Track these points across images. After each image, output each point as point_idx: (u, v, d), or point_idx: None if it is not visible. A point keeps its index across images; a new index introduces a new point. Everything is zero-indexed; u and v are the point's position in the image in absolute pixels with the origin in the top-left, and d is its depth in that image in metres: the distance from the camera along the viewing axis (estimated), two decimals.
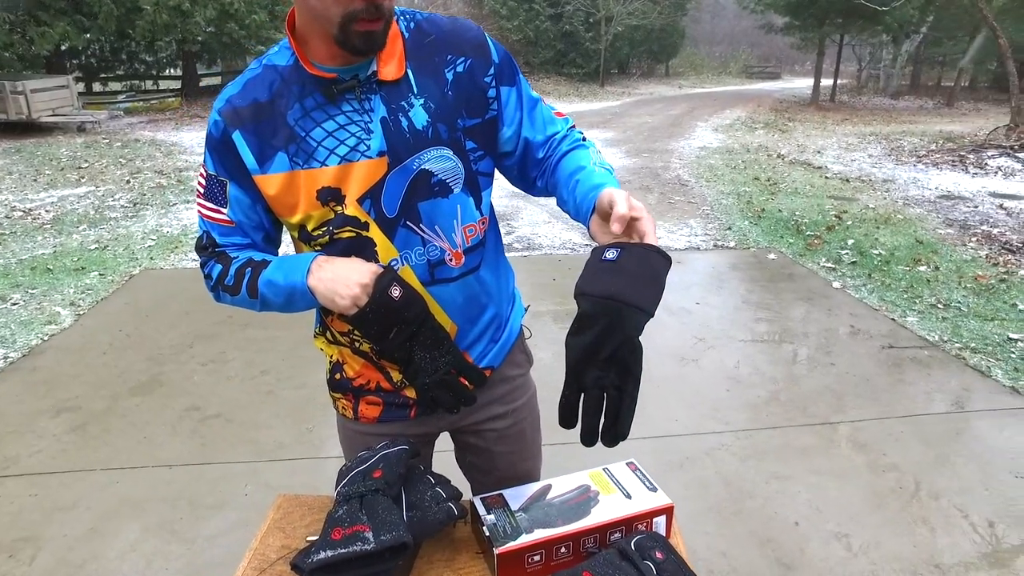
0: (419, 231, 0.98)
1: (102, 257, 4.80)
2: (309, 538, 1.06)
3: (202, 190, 0.99)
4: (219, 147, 0.95)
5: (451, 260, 1.01)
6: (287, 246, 1.03)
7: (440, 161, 0.95)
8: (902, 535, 2.13)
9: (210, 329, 3.59)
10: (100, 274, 4.43)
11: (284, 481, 2.36)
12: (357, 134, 0.92)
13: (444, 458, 1.24)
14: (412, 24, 0.98)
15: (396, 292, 0.92)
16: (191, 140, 10.35)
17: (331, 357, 1.15)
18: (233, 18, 13.19)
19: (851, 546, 2.08)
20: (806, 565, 1.99)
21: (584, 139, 1.08)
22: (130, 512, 2.18)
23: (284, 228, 1.06)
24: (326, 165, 0.93)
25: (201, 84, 16.27)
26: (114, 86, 16.32)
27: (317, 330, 1.17)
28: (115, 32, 12.98)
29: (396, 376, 1.10)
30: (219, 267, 1.00)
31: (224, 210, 0.98)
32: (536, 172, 1.08)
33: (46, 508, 2.20)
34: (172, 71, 17.09)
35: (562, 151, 1.06)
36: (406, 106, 0.94)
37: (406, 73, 0.94)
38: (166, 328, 3.61)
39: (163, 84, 16.90)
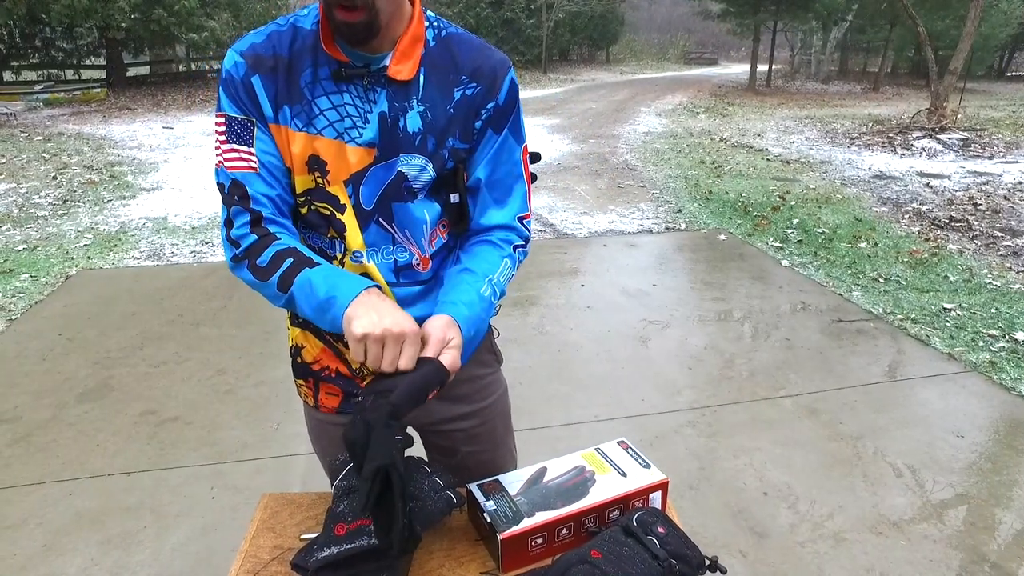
0: (391, 230, 0.99)
1: (32, 258, 4.51)
2: (303, 536, 1.03)
3: (223, 136, 0.94)
4: (239, 89, 0.92)
5: (419, 265, 1.03)
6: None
7: (414, 168, 0.96)
8: (861, 497, 2.24)
9: (160, 329, 3.43)
10: (31, 276, 4.16)
11: (251, 482, 2.28)
12: (354, 118, 0.93)
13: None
14: (443, 34, 0.98)
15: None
16: (122, 133, 9.82)
17: (292, 340, 1.13)
18: (161, 3, 12.52)
19: (816, 511, 2.17)
20: (777, 532, 2.07)
21: (517, 248, 1.05)
22: (88, 525, 2.07)
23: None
24: (321, 134, 0.93)
25: (128, 74, 15.40)
26: (28, 75, 15.20)
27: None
28: (26, 16, 12.10)
29: (355, 364, 1.09)
30: (254, 238, 0.93)
31: (252, 149, 0.93)
32: (461, 228, 1.06)
33: None
34: (94, 60, 16.08)
35: (485, 237, 1.04)
36: (407, 107, 0.94)
37: (417, 77, 0.94)
38: (112, 330, 3.43)
39: (85, 74, 15.86)
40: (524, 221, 1.06)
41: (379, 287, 0.92)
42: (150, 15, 12.61)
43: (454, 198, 1.02)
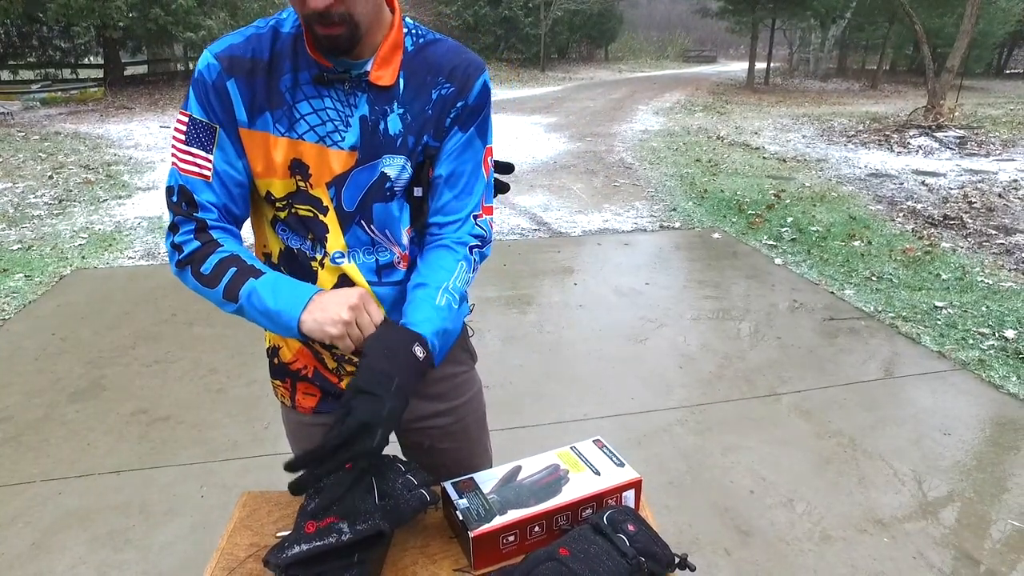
0: (370, 232, 1.00)
1: (27, 258, 4.51)
2: (279, 534, 1.04)
3: (182, 136, 0.93)
4: (211, 93, 0.91)
5: (399, 263, 1.04)
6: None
7: (396, 168, 0.98)
8: (847, 495, 2.25)
9: (153, 329, 3.44)
10: (26, 276, 4.17)
11: (240, 481, 2.29)
12: (335, 122, 0.94)
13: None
14: (420, 40, 0.99)
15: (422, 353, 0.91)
16: (118, 132, 9.83)
17: (269, 341, 1.14)
18: (158, 2, 12.50)
19: (802, 509, 2.18)
20: (762, 530, 2.08)
21: (473, 248, 1.05)
22: (77, 523, 2.08)
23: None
24: (303, 139, 0.94)
25: (125, 73, 15.39)
26: (25, 74, 15.19)
27: None
28: (22, 15, 12.10)
29: (331, 363, 1.10)
30: (196, 244, 0.94)
31: (209, 156, 0.93)
32: (419, 223, 1.06)
33: None
34: (91, 59, 16.08)
35: (439, 241, 1.03)
36: (388, 111, 0.96)
37: (397, 82, 0.96)
38: (104, 330, 3.44)
39: (83, 73, 15.84)
40: (480, 220, 1.06)
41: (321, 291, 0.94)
42: (147, 14, 12.58)
43: (417, 191, 1.03)
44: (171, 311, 3.66)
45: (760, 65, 19.81)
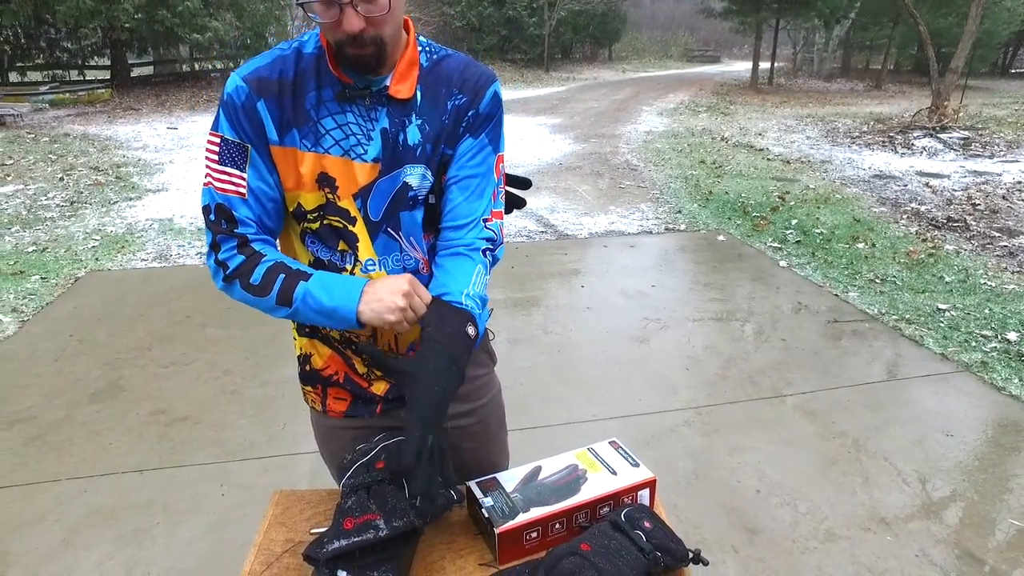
0: (398, 238, 1.06)
1: (42, 260, 4.58)
2: (313, 530, 1.10)
3: (215, 156, 0.99)
4: (241, 113, 0.97)
5: (423, 268, 1.10)
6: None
7: (417, 177, 1.04)
8: (851, 495, 2.30)
9: (168, 331, 3.51)
10: (42, 278, 4.24)
11: (258, 481, 2.35)
12: (358, 135, 1.00)
13: None
14: (434, 56, 1.06)
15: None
16: (127, 134, 9.90)
17: (300, 349, 1.19)
18: (164, 4, 12.59)
19: (808, 508, 2.23)
20: (769, 529, 2.14)
21: (486, 252, 1.08)
22: (102, 522, 2.14)
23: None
24: (329, 153, 1.00)
25: (132, 75, 15.48)
26: (33, 76, 15.29)
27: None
28: (31, 17, 12.20)
29: (362, 368, 1.15)
30: (241, 258, 0.99)
31: (243, 174, 0.99)
32: (433, 228, 1.10)
33: (10, 523, 2.13)
34: (98, 60, 16.17)
35: (454, 248, 1.07)
36: (407, 122, 1.02)
37: (415, 95, 1.02)
38: (120, 332, 3.50)
39: (90, 74, 15.94)
40: (489, 223, 1.09)
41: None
42: (154, 16, 12.67)
43: (431, 199, 1.08)
44: (185, 313, 3.72)
45: (764, 65, 19.82)
